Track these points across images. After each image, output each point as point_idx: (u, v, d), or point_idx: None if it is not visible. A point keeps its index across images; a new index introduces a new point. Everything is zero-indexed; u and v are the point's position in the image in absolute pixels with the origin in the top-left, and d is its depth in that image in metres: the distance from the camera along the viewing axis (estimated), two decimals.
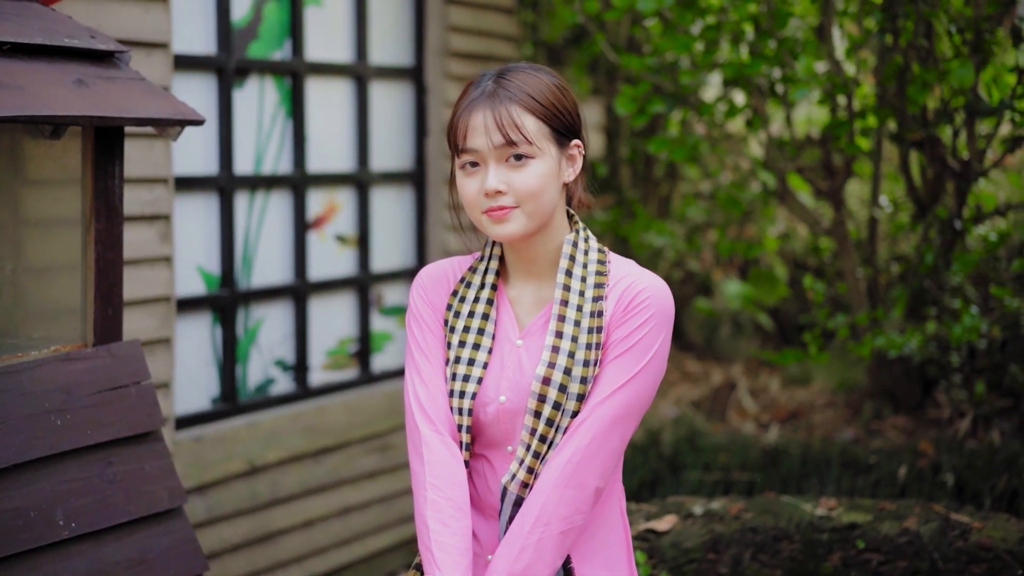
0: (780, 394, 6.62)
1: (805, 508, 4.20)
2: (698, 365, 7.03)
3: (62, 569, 3.02)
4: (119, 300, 3.27)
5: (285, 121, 5.36)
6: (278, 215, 5.35)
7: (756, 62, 4.94)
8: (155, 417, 3.31)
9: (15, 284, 3.37)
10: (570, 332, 2.52)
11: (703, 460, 5.86)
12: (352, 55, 5.65)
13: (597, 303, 2.54)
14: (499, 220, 2.52)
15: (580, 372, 2.50)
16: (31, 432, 2.99)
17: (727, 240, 6.40)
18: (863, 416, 6.12)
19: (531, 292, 2.64)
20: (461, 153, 2.54)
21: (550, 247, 2.61)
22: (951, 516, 4.10)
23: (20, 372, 3.03)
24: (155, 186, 4.59)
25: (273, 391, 5.37)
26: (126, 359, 3.27)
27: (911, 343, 5.18)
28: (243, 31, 5.15)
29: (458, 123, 2.54)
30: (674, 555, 4.07)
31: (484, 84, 2.55)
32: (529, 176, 2.51)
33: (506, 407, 2.56)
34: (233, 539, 4.96)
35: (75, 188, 3.25)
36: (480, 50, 6.20)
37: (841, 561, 4.07)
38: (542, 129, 2.53)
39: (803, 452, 5.73)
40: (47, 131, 3.01)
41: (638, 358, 2.52)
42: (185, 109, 3.27)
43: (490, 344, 2.61)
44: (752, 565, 4.10)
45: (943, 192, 5.45)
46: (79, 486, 3.09)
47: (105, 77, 3.15)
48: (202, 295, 5.03)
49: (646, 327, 2.52)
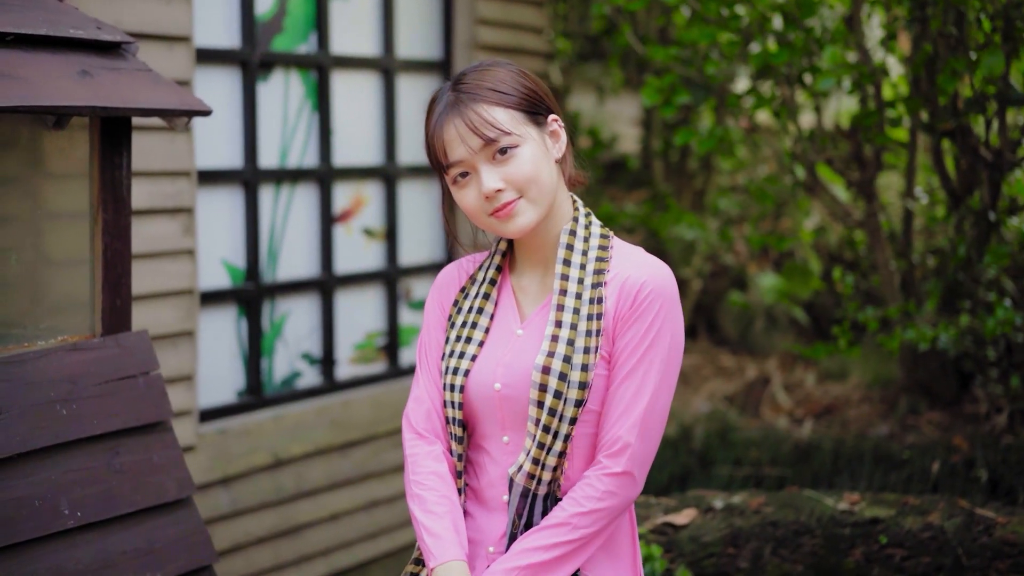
0: (815, 389, 6.55)
1: (827, 502, 4.14)
2: (732, 359, 6.97)
3: (67, 558, 3.03)
4: (127, 291, 3.27)
5: (311, 115, 5.36)
6: (304, 209, 5.35)
7: (782, 52, 4.89)
8: (164, 408, 3.31)
9: (23, 275, 3.38)
10: (569, 320, 2.50)
11: (734, 455, 5.80)
12: (379, 48, 5.64)
13: (597, 289, 2.51)
14: (507, 216, 2.51)
15: (581, 360, 2.48)
16: (35, 421, 3.00)
17: (758, 233, 6.34)
18: (898, 411, 6.04)
19: (536, 281, 2.63)
20: (448, 169, 2.53)
21: (555, 232, 2.60)
22: (976, 511, 4.03)
23: (25, 362, 3.03)
24: (177, 179, 4.60)
25: (299, 384, 5.37)
26: (134, 349, 3.27)
27: (944, 337, 5.10)
28: (268, 24, 5.15)
29: (434, 142, 2.54)
30: (692, 549, 4.02)
31: (444, 96, 2.55)
32: (521, 164, 2.51)
33: (501, 394, 2.54)
34: (258, 532, 4.97)
35: (84, 180, 3.26)
36: (509, 43, 6.18)
37: (863, 556, 4.01)
38: (514, 116, 2.52)
39: (835, 447, 5.66)
40: (50, 122, 3.01)
41: (656, 357, 2.50)
42: (192, 100, 3.27)
43: (487, 325, 2.61)
44: (772, 560, 4.05)
45: (976, 183, 5.36)
46: (85, 475, 3.10)
47: (110, 68, 3.15)
48: (227, 288, 5.03)
49: (656, 324, 2.49)
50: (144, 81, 3.20)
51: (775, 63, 4.94)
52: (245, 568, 4.92)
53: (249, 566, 4.94)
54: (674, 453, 5.93)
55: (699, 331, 7.29)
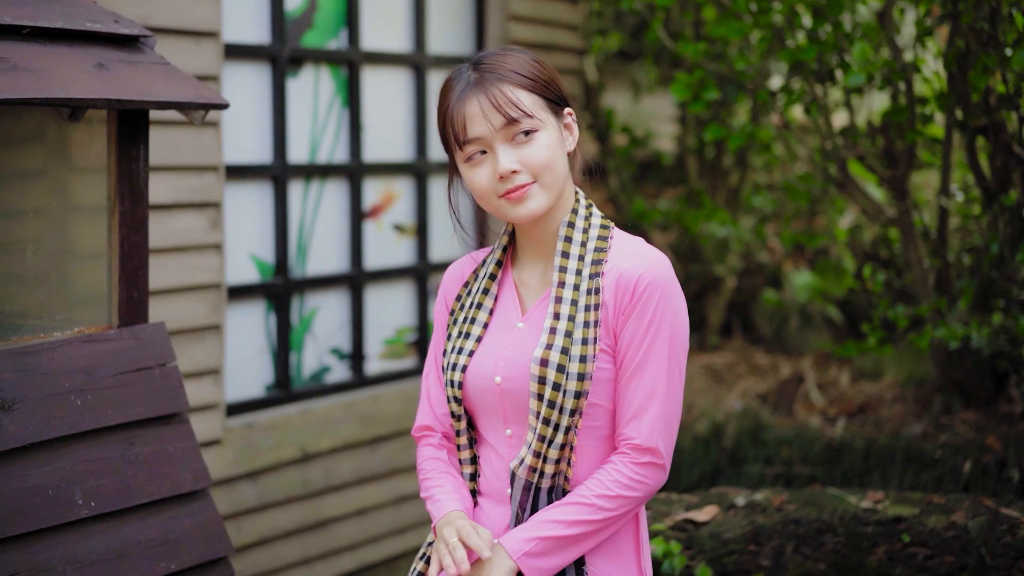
0: (849, 388, 6.50)
1: (851, 501, 4.11)
2: (766, 358, 6.92)
3: (81, 548, 3.05)
4: (144, 283, 3.29)
5: (341, 110, 5.37)
6: (334, 204, 5.37)
7: (811, 48, 4.85)
8: (180, 399, 3.33)
9: (42, 267, 3.41)
10: (567, 312, 2.49)
11: (765, 454, 5.77)
12: (410, 44, 5.65)
13: (594, 280, 2.50)
14: (519, 199, 2.50)
15: (579, 351, 2.47)
16: (50, 412, 3.02)
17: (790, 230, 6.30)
18: (932, 411, 5.98)
19: (538, 274, 2.63)
20: (464, 145, 2.52)
21: (557, 223, 2.59)
22: (1000, 511, 3.99)
23: (40, 352, 3.06)
24: (204, 174, 4.63)
25: (328, 379, 5.39)
26: (150, 341, 3.29)
27: (978, 336, 5.04)
28: (298, 20, 5.17)
29: (453, 117, 2.52)
30: (713, 546, 4.00)
31: (465, 75, 2.54)
32: (540, 148, 2.51)
33: (502, 388, 2.54)
34: (285, 525, 4.99)
35: (103, 173, 3.28)
36: (542, 39, 6.17)
37: (886, 555, 3.98)
38: (537, 101, 2.53)
39: (867, 447, 5.61)
40: (65, 114, 3.03)
41: (663, 346, 2.49)
42: (208, 93, 3.28)
43: (486, 320, 2.61)
44: (795, 558, 4.02)
45: (1010, 181, 5.30)
46: (100, 466, 3.12)
47: (127, 61, 3.17)
48: (255, 283, 5.05)
49: (657, 315, 2.48)
50: (161, 74, 3.22)
51: (804, 59, 4.90)
52: (271, 562, 4.94)
53: (275, 560, 4.96)
54: (705, 451, 5.90)
55: (734, 329, 7.25)
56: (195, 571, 3.30)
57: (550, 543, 2.46)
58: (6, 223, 3.39)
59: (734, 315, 7.28)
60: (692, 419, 6.30)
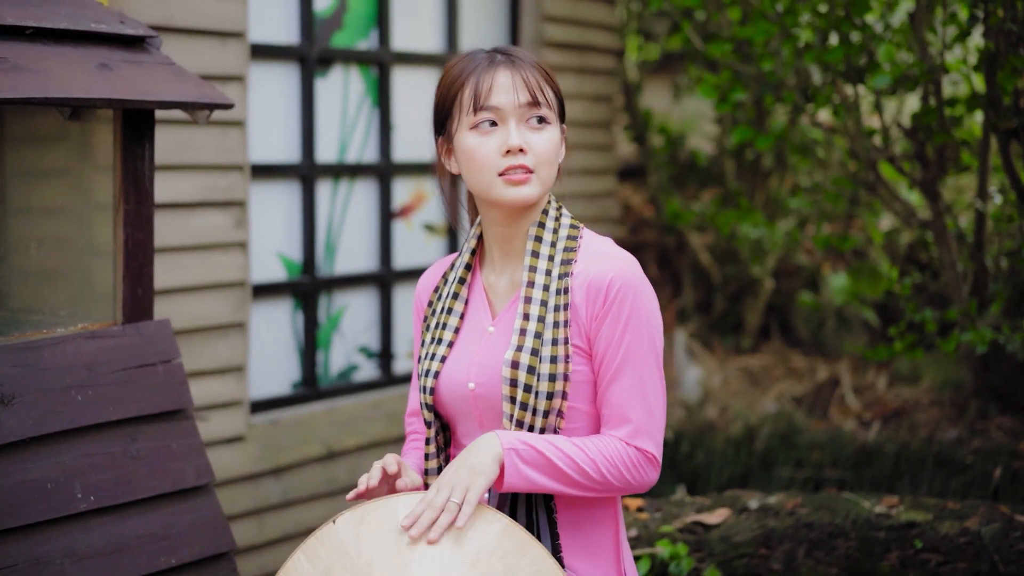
0: (886, 392, 6.44)
1: (864, 505, 4.07)
2: (804, 360, 6.87)
3: (79, 541, 3.09)
4: (149, 280, 3.33)
5: (371, 110, 5.41)
6: (363, 203, 5.40)
7: (837, 49, 4.81)
8: (184, 396, 3.36)
9: (47, 264, 3.46)
10: (537, 313, 2.49)
11: (796, 457, 5.73)
12: (442, 45, 5.67)
13: (563, 280, 2.50)
14: (520, 182, 2.48)
15: (549, 352, 2.47)
16: (49, 407, 3.06)
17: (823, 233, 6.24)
18: (968, 415, 5.91)
19: (507, 276, 2.61)
20: (479, 111, 2.50)
21: (528, 224, 2.58)
22: (1016, 517, 3.93)
23: (41, 348, 3.10)
24: (229, 172, 4.67)
25: (356, 378, 5.42)
26: (154, 338, 3.33)
27: (1010, 340, 4.98)
28: (327, 21, 5.21)
29: (478, 82, 2.49)
30: (723, 549, 3.98)
31: (487, 55, 2.54)
32: (549, 140, 2.52)
33: (476, 393, 2.54)
34: (309, 523, 5.02)
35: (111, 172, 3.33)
36: (576, 39, 6.17)
37: (899, 561, 3.94)
38: (553, 101, 2.55)
39: (899, 451, 5.57)
40: (66, 113, 3.08)
41: (640, 346, 2.48)
42: (213, 93, 3.31)
43: (457, 324, 2.61)
44: (807, 562, 3.99)
45: None
46: (100, 460, 3.16)
47: (132, 61, 3.21)
48: (282, 281, 5.10)
49: (632, 316, 2.47)
50: (165, 74, 3.25)
51: (830, 61, 4.86)
52: None
53: None
54: (736, 454, 5.88)
55: (772, 332, 7.21)
56: (197, 566, 3.33)
57: (539, 458, 2.40)
58: (14, 221, 3.45)
59: (772, 317, 7.23)
60: (726, 421, 6.28)
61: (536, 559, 2.33)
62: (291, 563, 2.34)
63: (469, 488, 2.34)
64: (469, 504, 2.33)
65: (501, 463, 2.38)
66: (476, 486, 2.35)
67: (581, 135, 6.25)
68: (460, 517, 2.32)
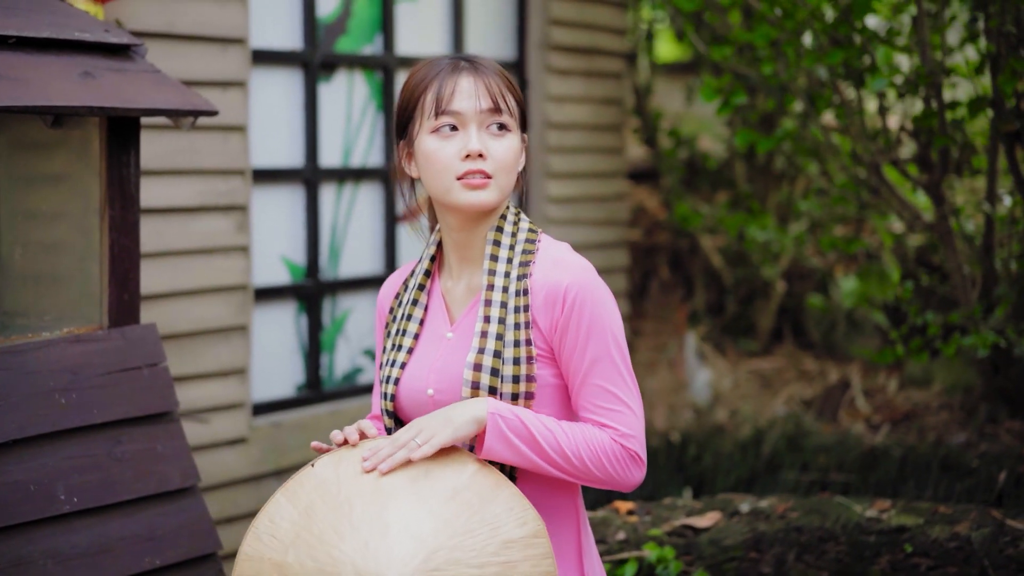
0: (896, 395, 6.42)
1: (855, 509, 4.07)
2: (815, 363, 6.86)
3: (62, 542, 3.14)
4: (135, 285, 3.38)
5: (376, 115, 5.45)
6: (368, 207, 5.44)
7: (836, 52, 4.81)
8: (169, 399, 3.41)
9: (33, 268, 3.51)
10: (497, 315, 2.50)
11: (802, 460, 5.73)
12: (448, 49, 5.70)
13: (522, 282, 2.51)
14: (477, 187, 2.50)
15: (511, 353, 2.48)
16: (33, 410, 3.12)
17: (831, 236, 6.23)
18: (977, 419, 5.89)
19: (464, 283, 2.62)
20: (441, 115, 2.52)
21: (486, 229, 2.59)
22: (1007, 522, 3.93)
23: (26, 352, 3.15)
24: (230, 177, 4.72)
25: (361, 380, 5.46)
26: (139, 342, 3.37)
27: (1017, 343, 4.96)
28: (331, 26, 5.25)
29: (441, 86, 2.51)
30: (713, 553, 3.99)
31: (451, 61, 2.55)
32: (508, 148, 2.53)
33: (435, 399, 2.55)
34: None
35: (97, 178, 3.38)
36: (584, 43, 6.19)
37: (889, 565, 3.94)
38: (515, 110, 2.56)
39: (905, 455, 5.55)
40: (48, 121, 3.13)
41: (605, 349, 2.49)
42: (197, 100, 3.36)
43: (416, 331, 2.62)
44: (797, 566, 4.00)
45: None
46: (83, 463, 3.21)
47: (115, 69, 3.26)
48: (286, 284, 5.14)
49: (594, 320, 2.47)
50: (149, 82, 3.30)
51: (830, 63, 4.86)
52: None
53: None
54: (743, 457, 5.88)
55: (784, 334, 7.20)
56: (182, 567, 3.37)
57: (522, 430, 2.41)
58: (12, 225, 3.51)
59: (784, 320, 7.22)
60: (735, 424, 6.28)
61: (510, 497, 2.38)
62: (271, 504, 2.36)
63: (435, 434, 2.38)
64: (430, 446, 2.36)
65: (481, 426, 2.41)
66: (442, 434, 2.38)
67: (589, 138, 6.27)
68: (415, 454, 2.35)
